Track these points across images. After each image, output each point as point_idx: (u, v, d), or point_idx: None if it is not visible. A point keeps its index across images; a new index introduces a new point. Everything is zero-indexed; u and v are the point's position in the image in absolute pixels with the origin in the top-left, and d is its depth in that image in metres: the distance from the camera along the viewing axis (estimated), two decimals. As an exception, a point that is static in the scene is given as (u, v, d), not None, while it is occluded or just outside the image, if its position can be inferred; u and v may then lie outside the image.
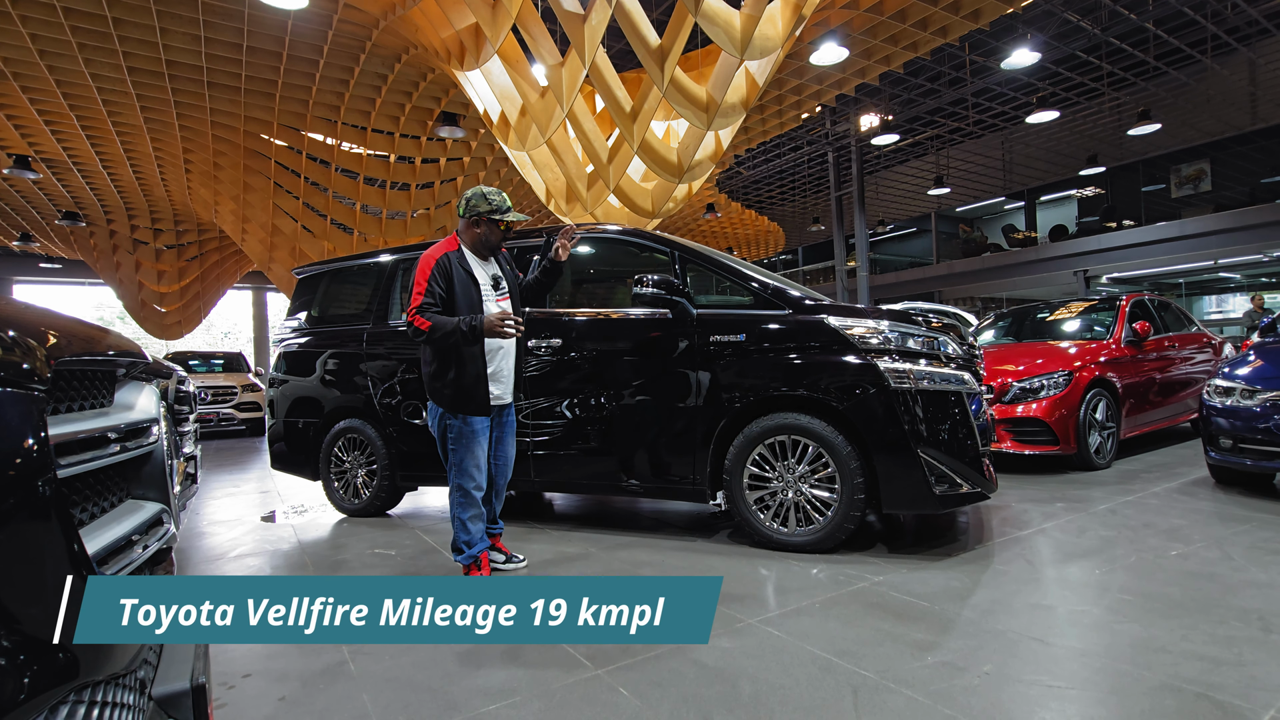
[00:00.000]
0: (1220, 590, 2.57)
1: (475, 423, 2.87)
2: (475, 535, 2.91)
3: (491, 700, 1.92)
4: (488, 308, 2.87)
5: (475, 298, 2.86)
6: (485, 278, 2.94)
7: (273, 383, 4.94)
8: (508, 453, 3.11)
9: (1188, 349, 6.51)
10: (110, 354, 1.18)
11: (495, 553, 3.16)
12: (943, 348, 3.31)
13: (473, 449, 2.87)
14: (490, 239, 2.93)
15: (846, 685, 1.92)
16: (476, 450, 2.88)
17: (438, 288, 2.81)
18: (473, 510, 2.89)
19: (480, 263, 2.96)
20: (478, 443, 2.88)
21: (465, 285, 2.85)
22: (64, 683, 0.75)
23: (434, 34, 8.89)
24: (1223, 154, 18.95)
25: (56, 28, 8.48)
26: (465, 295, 2.84)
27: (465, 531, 2.90)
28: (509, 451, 3.12)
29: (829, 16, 9.47)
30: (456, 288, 2.83)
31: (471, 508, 2.89)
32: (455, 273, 2.84)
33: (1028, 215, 23.61)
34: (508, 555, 3.18)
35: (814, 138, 17.80)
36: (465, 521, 2.89)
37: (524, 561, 3.18)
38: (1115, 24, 11.68)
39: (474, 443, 2.87)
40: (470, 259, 2.93)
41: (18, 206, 16.77)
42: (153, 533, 1.15)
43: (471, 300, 2.84)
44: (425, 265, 2.83)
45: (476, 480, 2.88)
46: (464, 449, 2.87)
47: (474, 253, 2.96)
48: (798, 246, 29.91)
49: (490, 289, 2.94)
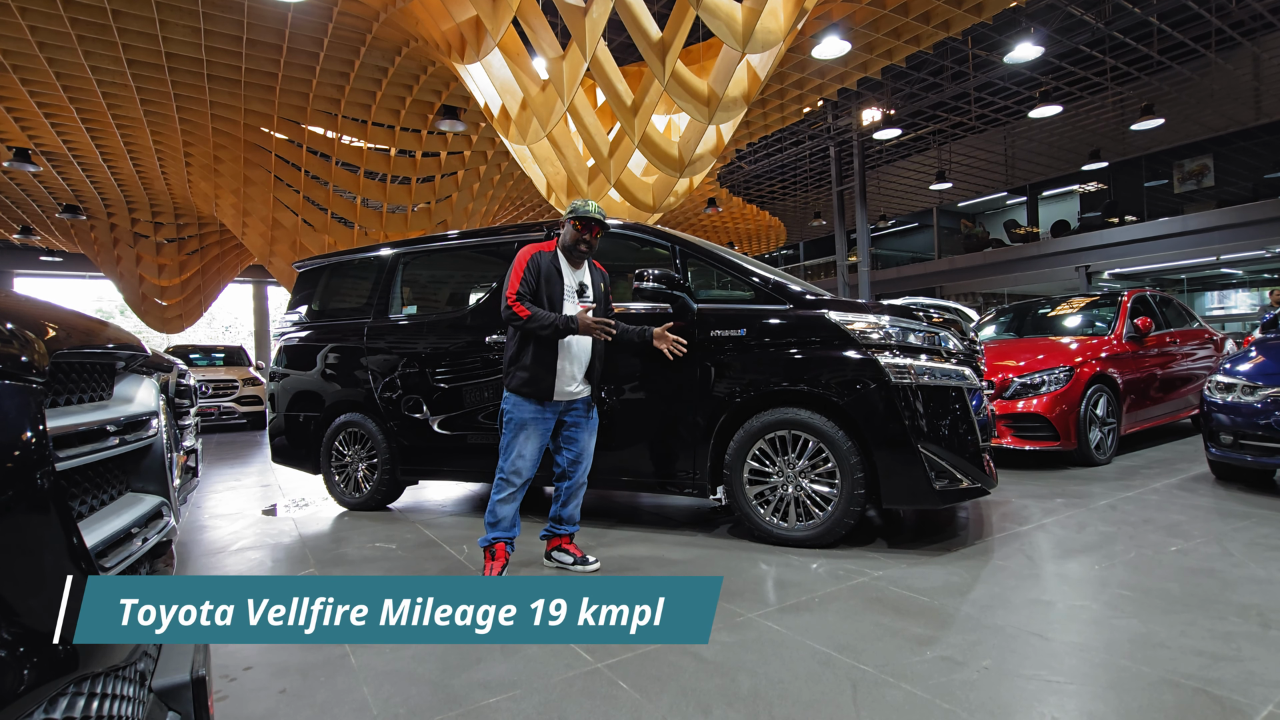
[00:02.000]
0: (1219, 586, 2.57)
1: (529, 409, 2.92)
2: (502, 518, 2.93)
3: (492, 693, 1.92)
4: (566, 309, 2.94)
5: (556, 296, 2.93)
6: (571, 281, 3.01)
7: (273, 376, 4.94)
8: (581, 448, 3.07)
9: (1189, 345, 6.50)
10: (109, 347, 1.18)
11: (563, 554, 3.08)
12: (944, 343, 3.31)
13: (521, 435, 2.92)
14: (567, 239, 3.00)
15: (846, 679, 1.92)
16: (524, 437, 2.92)
17: (531, 278, 2.92)
18: (506, 492, 2.92)
19: (570, 268, 3.03)
20: (527, 431, 2.92)
21: (550, 282, 2.94)
22: (63, 675, 0.75)
23: (434, 27, 8.86)
24: (1226, 149, 18.87)
25: (56, 20, 8.45)
26: (549, 292, 2.93)
27: (492, 514, 2.94)
28: (582, 447, 3.07)
29: (831, 10, 9.43)
30: (543, 284, 2.93)
31: (506, 489, 2.92)
32: (545, 269, 2.95)
33: (1030, 210, 23.54)
34: (577, 557, 3.08)
35: (815, 132, 17.75)
36: (495, 504, 2.93)
37: (596, 563, 3.06)
38: (1118, 18, 11.62)
39: (523, 430, 2.92)
40: (562, 261, 3.02)
41: (18, 200, 16.76)
42: (153, 525, 1.15)
43: (551, 298, 2.92)
44: (522, 259, 2.96)
45: (517, 467, 2.91)
46: (512, 433, 2.93)
47: (566, 256, 3.03)
48: (799, 241, 29.86)
49: (573, 292, 3.00)
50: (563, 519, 3.09)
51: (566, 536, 3.11)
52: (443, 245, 4.63)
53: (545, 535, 3.15)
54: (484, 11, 7.78)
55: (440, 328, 4.23)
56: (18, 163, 12.46)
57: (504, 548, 2.94)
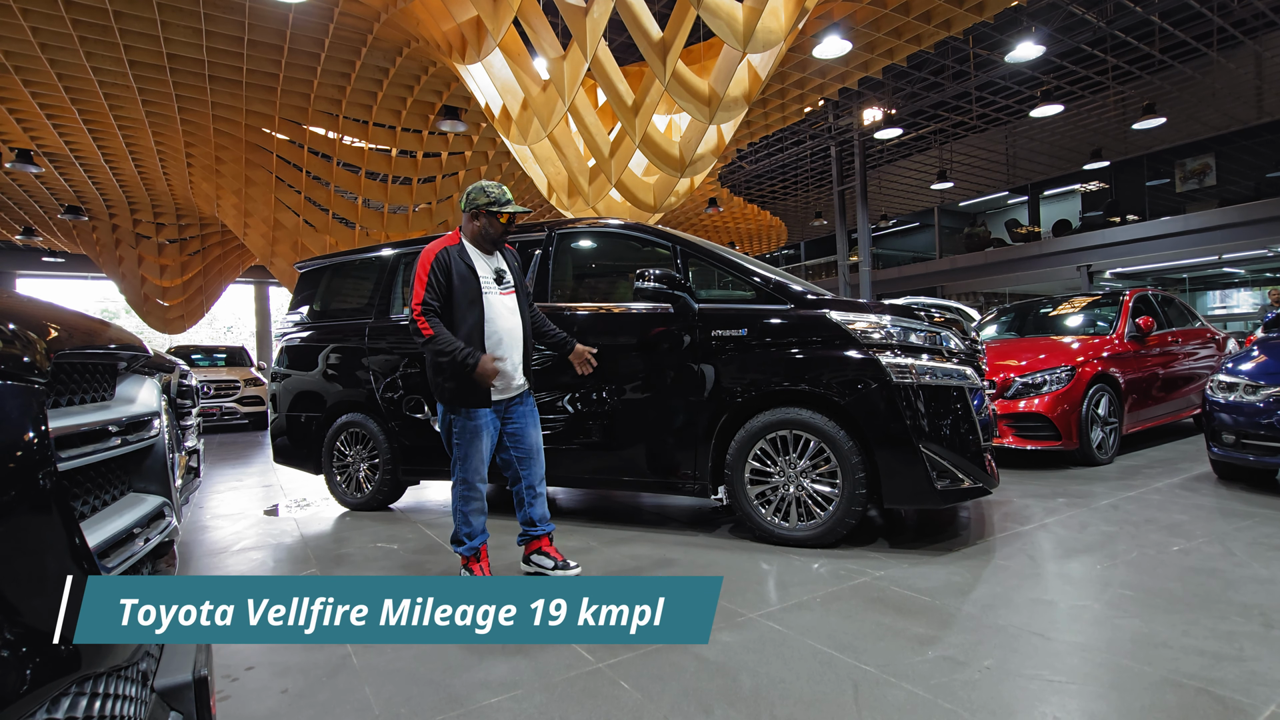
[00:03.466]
0: (1221, 586, 2.57)
1: (478, 416, 2.84)
2: (476, 528, 2.90)
3: (494, 693, 1.92)
4: (489, 300, 2.82)
5: (475, 291, 2.81)
6: (488, 271, 2.88)
7: (275, 377, 4.95)
8: (530, 443, 2.95)
9: (1191, 344, 6.49)
10: (111, 347, 1.18)
11: (543, 557, 2.96)
12: (945, 343, 3.30)
13: (475, 443, 2.83)
14: (490, 232, 2.87)
15: (847, 679, 1.92)
16: (479, 444, 2.84)
17: (437, 282, 2.77)
18: (475, 504, 2.87)
19: (483, 256, 2.90)
20: (480, 437, 2.84)
21: (465, 278, 2.80)
22: (66, 675, 0.75)
23: (435, 27, 8.86)
24: (1228, 148, 18.83)
25: (57, 21, 8.47)
26: (465, 289, 2.79)
27: (466, 524, 2.88)
28: (531, 441, 2.95)
29: (832, 9, 9.43)
30: (456, 282, 2.79)
31: (473, 501, 2.87)
32: (455, 266, 2.80)
33: (1031, 210, 23.51)
34: (558, 561, 2.94)
35: (816, 132, 17.73)
36: (467, 515, 2.88)
37: (577, 568, 2.94)
38: (1120, 17, 11.61)
39: (477, 437, 2.83)
40: (472, 252, 2.88)
41: (20, 200, 16.78)
42: (154, 526, 1.15)
43: (471, 293, 2.79)
44: (425, 260, 2.79)
45: (481, 474, 2.86)
46: (467, 443, 2.84)
47: (476, 246, 2.90)
48: (800, 241, 29.84)
49: (493, 282, 2.87)
50: (534, 520, 2.96)
51: (545, 538, 2.99)
52: (444, 245, 4.63)
53: (522, 539, 3.02)
54: (485, 12, 7.78)
55: (441, 328, 4.23)
56: (20, 164, 12.47)
57: (484, 549, 2.95)
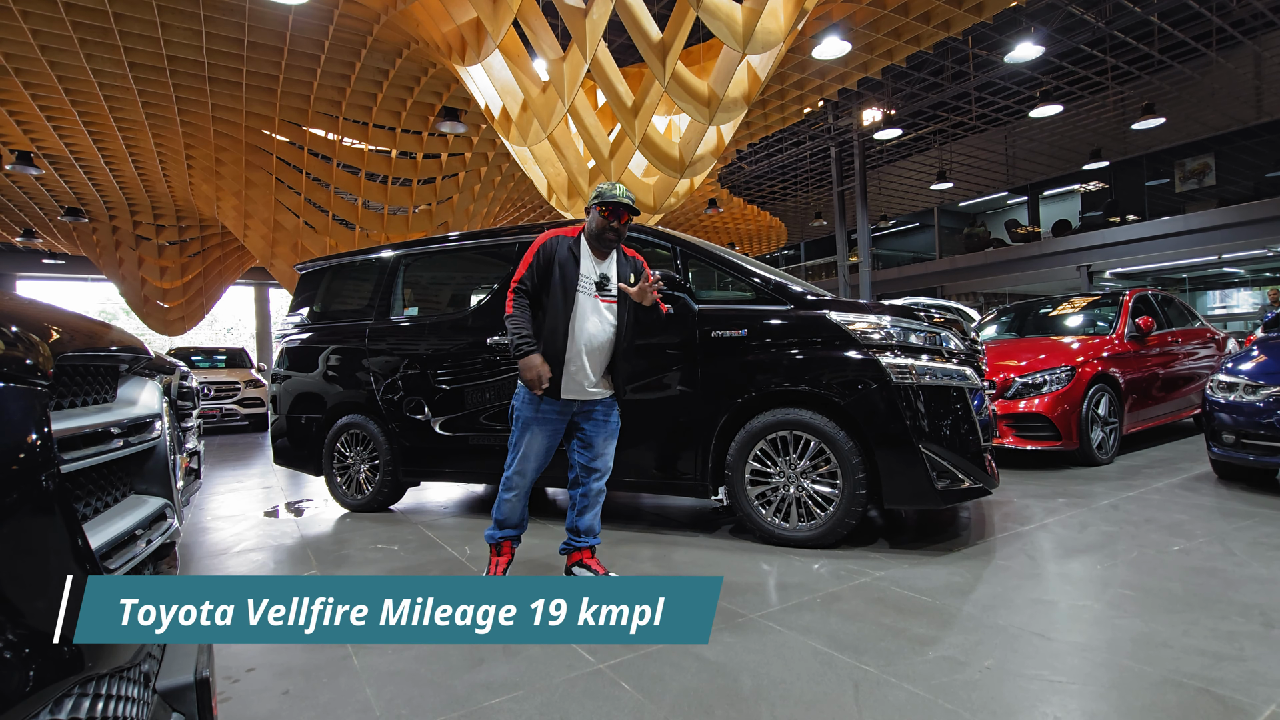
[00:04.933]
0: (1222, 585, 2.57)
1: (535, 405, 2.73)
2: (509, 519, 2.81)
3: (494, 694, 1.92)
4: (580, 299, 2.68)
5: (570, 285, 2.67)
6: (590, 272, 2.72)
7: (275, 378, 4.95)
8: (596, 453, 2.79)
9: (1191, 344, 6.49)
10: (113, 349, 1.19)
11: (585, 569, 2.79)
12: (945, 343, 3.31)
13: (527, 434, 2.74)
14: (593, 227, 2.72)
15: (848, 680, 1.92)
16: (532, 437, 2.74)
17: (537, 266, 2.69)
18: (512, 493, 2.78)
19: (593, 258, 2.75)
20: (532, 429, 2.73)
21: (565, 271, 2.67)
22: (69, 676, 0.75)
23: (435, 29, 8.87)
24: (1227, 148, 18.84)
25: (58, 23, 8.48)
26: (561, 282, 2.67)
27: (498, 510, 2.81)
28: (598, 452, 2.79)
29: (831, 10, 9.44)
30: (555, 271, 2.67)
31: (511, 490, 2.77)
32: (560, 255, 2.69)
33: (1031, 210, 23.52)
34: (600, 574, 2.77)
35: (816, 132, 17.74)
36: (501, 500, 2.80)
37: None
38: (1119, 17, 11.62)
39: (529, 428, 2.74)
40: (584, 249, 2.74)
41: (20, 202, 16.79)
42: (156, 527, 1.15)
43: (567, 287, 2.67)
44: (536, 243, 2.74)
45: (522, 468, 2.76)
46: (520, 429, 2.76)
47: (590, 245, 2.75)
48: (800, 242, 29.84)
49: (592, 285, 2.72)
50: (580, 530, 2.80)
51: (587, 550, 2.82)
52: (444, 247, 4.64)
53: (564, 549, 2.87)
54: (484, 13, 7.79)
55: (442, 329, 4.24)
56: (20, 165, 12.49)
57: (510, 544, 2.86)
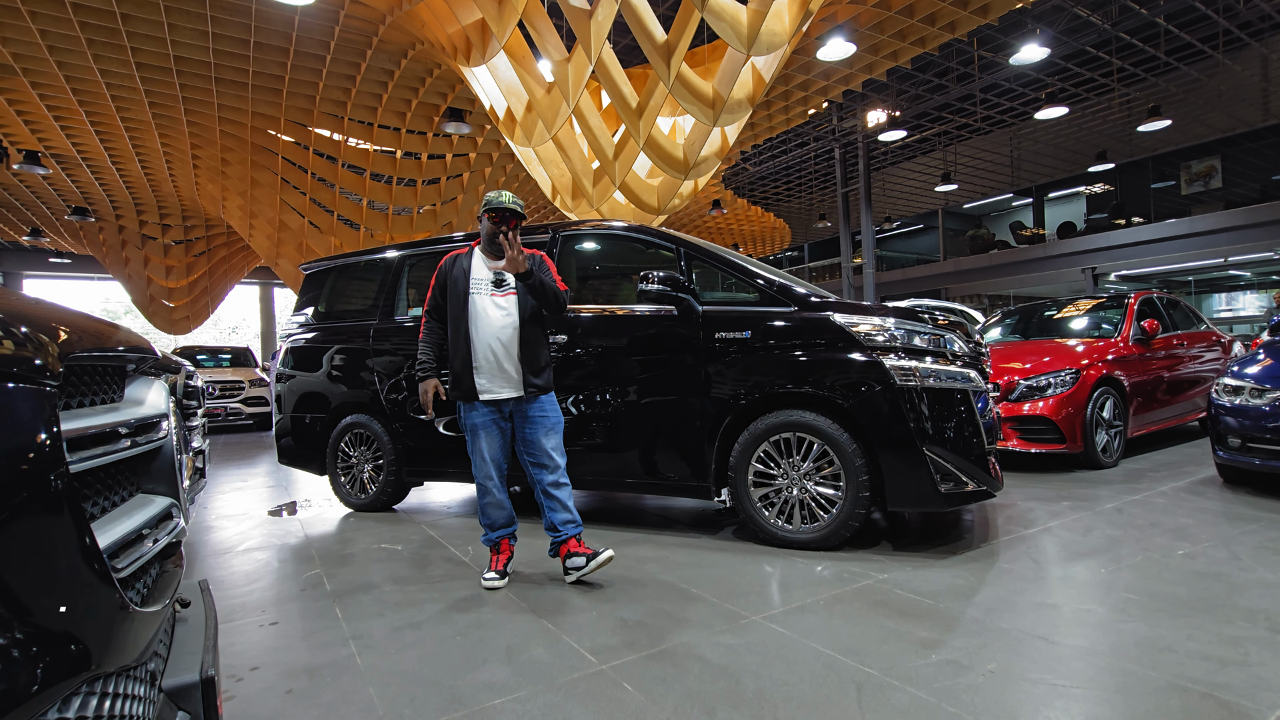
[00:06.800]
0: (1227, 590, 2.56)
1: (472, 413, 2.94)
2: (495, 521, 2.99)
3: (497, 694, 1.93)
4: (479, 302, 2.90)
5: (462, 293, 2.92)
6: (486, 274, 2.95)
7: (280, 378, 4.97)
8: (538, 449, 2.90)
9: (1196, 347, 6.47)
10: (120, 349, 1.19)
11: (575, 557, 2.87)
12: (949, 345, 3.30)
13: (474, 441, 2.95)
14: (485, 233, 2.98)
15: (850, 682, 1.92)
16: (478, 442, 2.94)
17: (436, 288, 3.01)
18: (487, 498, 2.97)
19: (488, 261, 2.99)
20: (477, 435, 2.94)
21: (456, 283, 2.94)
22: (77, 674, 0.76)
23: (440, 29, 8.89)
24: (1234, 150, 18.79)
25: (65, 24, 8.52)
26: (454, 292, 2.94)
27: (483, 515, 3.00)
28: (539, 448, 2.90)
29: (836, 11, 9.43)
30: (449, 285, 2.96)
31: (485, 495, 2.97)
32: (451, 270, 2.97)
33: (1036, 212, 23.47)
34: (589, 555, 2.86)
35: (820, 134, 17.73)
36: (481, 506, 3.00)
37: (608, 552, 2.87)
38: (1125, 19, 11.58)
39: (475, 435, 2.95)
40: (477, 257, 3.00)
41: (27, 202, 16.88)
42: (163, 526, 1.16)
43: (459, 296, 2.92)
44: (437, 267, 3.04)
45: (484, 470, 2.95)
46: (469, 438, 2.98)
47: (484, 251, 3.01)
48: (804, 243, 29.85)
49: (488, 284, 2.93)
50: (556, 525, 2.91)
51: (572, 539, 2.92)
52: (448, 247, 4.65)
53: (553, 549, 2.96)
54: (489, 14, 7.81)
55: (446, 330, 4.24)
56: (28, 165, 12.56)
57: (507, 542, 3.02)
